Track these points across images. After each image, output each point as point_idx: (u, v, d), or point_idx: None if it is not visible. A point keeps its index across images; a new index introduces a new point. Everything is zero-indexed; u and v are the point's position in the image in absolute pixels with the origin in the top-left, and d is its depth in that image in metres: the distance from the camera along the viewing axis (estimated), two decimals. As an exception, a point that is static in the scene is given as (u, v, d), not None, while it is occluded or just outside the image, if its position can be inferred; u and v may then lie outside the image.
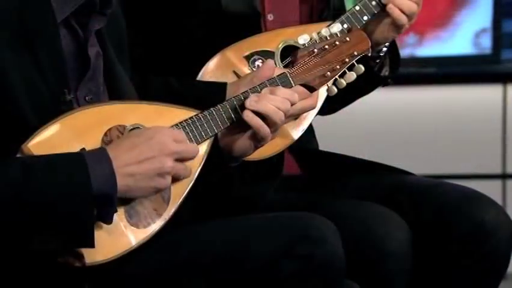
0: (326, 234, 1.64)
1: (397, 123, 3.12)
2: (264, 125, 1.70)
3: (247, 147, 1.74)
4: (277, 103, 1.69)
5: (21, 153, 1.58)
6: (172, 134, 1.63)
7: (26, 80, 1.59)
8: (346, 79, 1.81)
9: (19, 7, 1.60)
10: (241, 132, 1.73)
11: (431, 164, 3.13)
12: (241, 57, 1.91)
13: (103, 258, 1.59)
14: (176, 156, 1.62)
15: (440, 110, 3.25)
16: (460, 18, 3.30)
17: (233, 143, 1.74)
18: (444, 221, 1.93)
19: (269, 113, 1.69)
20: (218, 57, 1.92)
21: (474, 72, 3.31)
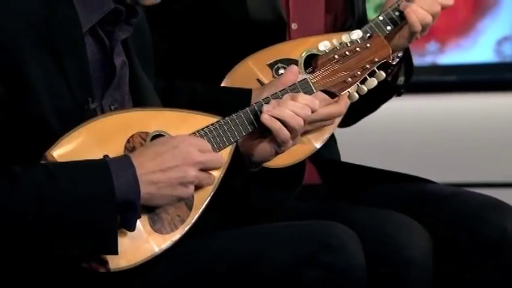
0: (347, 243, 1.64)
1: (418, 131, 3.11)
2: (283, 128, 1.69)
3: (268, 152, 1.74)
4: (296, 109, 1.69)
5: (45, 160, 1.59)
6: (196, 143, 1.63)
7: (50, 88, 1.60)
8: (367, 85, 1.81)
9: (45, 15, 1.61)
10: (262, 138, 1.73)
11: (452, 172, 3.11)
12: (264, 65, 1.92)
13: (127, 264, 1.60)
14: (200, 166, 1.63)
15: (461, 118, 3.24)
16: (481, 26, 3.29)
17: (253, 148, 1.74)
18: (465, 229, 1.92)
19: (286, 118, 1.69)
20: (242, 65, 1.93)
21: (496, 80, 3.30)
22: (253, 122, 1.70)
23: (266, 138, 1.72)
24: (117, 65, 1.69)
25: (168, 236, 1.64)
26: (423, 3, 1.92)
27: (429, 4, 1.93)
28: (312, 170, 2.05)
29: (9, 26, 1.58)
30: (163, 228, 1.63)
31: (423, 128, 3.14)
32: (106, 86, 1.68)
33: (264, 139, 1.73)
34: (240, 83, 1.91)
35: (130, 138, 1.64)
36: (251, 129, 1.70)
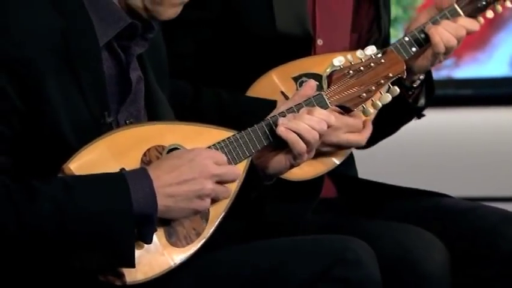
0: (363, 258, 1.64)
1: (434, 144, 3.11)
2: (299, 140, 1.69)
3: (283, 165, 1.74)
4: (313, 123, 1.69)
5: (62, 173, 1.59)
6: (213, 156, 1.63)
7: (67, 101, 1.61)
8: (382, 100, 1.81)
9: (63, 29, 1.62)
10: (277, 151, 1.73)
11: (469, 186, 3.11)
12: (289, 78, 1.93)
13: (144, 277, 1.60)
14: (217, 179, 1.63)
15: (477, 131, 3.24)
16: (496, 40, 3.29)
17: (268, 161, 1.74)
18: (482, 244, 1.91)
19: (302, 132, 1.69)
20: (265, 77, 1.94)
21: (511, 94, 3.30)
22: (268, 136, 1.70)
23: (281, 151, 1.72)
24: (133, 80, 1.69)
25: (184, 249, 1.63)
26: (449, 27, 1.93)
27: (455, 28, 1.93)
28: (329, 184, 2.04)
29: (27, 41, 1.58)
30: (178, 241, 1.63)
31: (438, 141, 3.14)
32: (122, 100, 1.69)
33: (279, 152, 1.73)
34: (263, 95, 1.92)
35: (147, 152, 1.64)
36: (266, 143, 1.70)
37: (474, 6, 1.97)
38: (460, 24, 1.94)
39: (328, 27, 2.01)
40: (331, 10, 2.01)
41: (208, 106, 1.90)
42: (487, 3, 1.98)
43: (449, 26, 1.93)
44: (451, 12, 1.96)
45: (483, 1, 1.98)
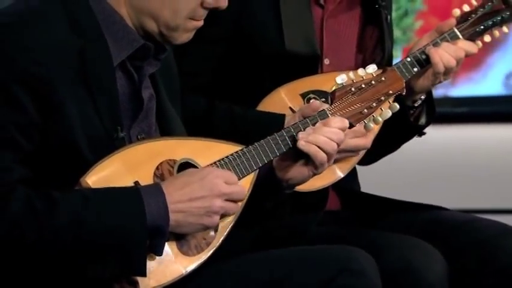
0: (365, 267, 1.64)
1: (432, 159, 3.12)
2: (320, 151, 1.69)
3: (305, 175, 1.73)
4: (330, 134, 1.69)
5: (79, 186, 1.59)
6: (223, 175, 1.63)
7: (83, 117, 1.61)
8: (382, 116, 1.80)
9: (80, 49, 1.62)
10: (298, 162, 1.72)
11: (465, 199, 3.10)
12: (297, 94, 1.92)
13: (156, 285, 1.60)
14: (226, 197, 1.63)
15: (472, 147, 3.24)
16: (491, 60, 3.30)
17: (291, 171, 1.73)
18: (479, 255, 1.91)
19: (321, 144, 1.69)
20: (274, 94, 1.93)
21: (505, 111, 3.30)
22: (275, 152, 1.70)
23: (303, 162, 1.72)
24: (145, 98, 1.69)
25: (194, 258, 1.63)
26: (449, 49, 1.92)
27: (454, 49, 1.93)
28: (333, 197, 2.04)
29: (47, 60, 1.58)
30: (189, 250, 1.63)
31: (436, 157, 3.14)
32: (134, 117, 1.69)
33: (300, 163, 1.72)
34: (272, 110, 1.91)
35: (159, 166, 1.64)
36: (272, 157, 1.70)
37: (473, 31, 1.98)
38: (459, 46, 1.94)
39: (334, 47, 2.01)
40: (338, 32, 2.01)
41: (221, 119, 1.91)
42: (485, 28, 1.98)
43: (449, 48, 1.93)
44: (451, 36, 1.96)
45: (481, 26, 1.98)
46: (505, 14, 1.99)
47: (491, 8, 1.98)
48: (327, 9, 1.99)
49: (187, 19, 1.65)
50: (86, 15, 1.64)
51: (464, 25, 1.97)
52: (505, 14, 1.99)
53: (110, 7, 1.65)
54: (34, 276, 1.58)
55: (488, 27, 1.98)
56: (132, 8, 1.65)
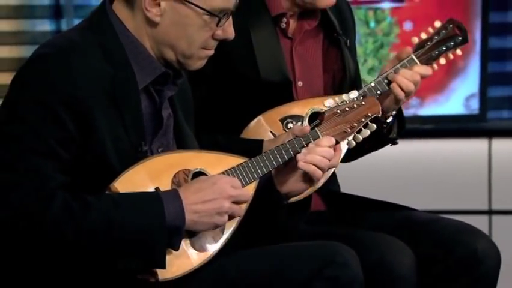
0: (349, 260, 1.64)
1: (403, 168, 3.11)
2: (317, 169, 1.72)
3: (303, 187, 1.76)
4: (323, 153, 1.72)
5: (109, 191, 1.60)
6: (230, 181, 1.64)
7: (112, 132, 1.61)
8: (362, 135, 1.81)
9: (111, 75, 1.63)
10: (295, 177, 1.74)
11: (431, 202, 3.10)
12: (276, 120, 1.91)
13: (172, 276, 1.60)
14: (233, 199, 1.63)
15: (438, 159, 3.24)
16: (453, 85, 3.29)
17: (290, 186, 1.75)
18: (443, 249, 1.90)
19: (317, 162, 1.71)
20: (258, 119, 1.92)
21: (465, 129, 3.29)
22: (273, 164, 1.71)
23: (300, 178, 1.74)
24: (164, 117, 1.69)
25: (204, 254, 1.64)
26: (406, 74, 1.91)
27: (411, 74, 1.91)
28: (318, 200, 2.04)
29: (84, 85, 1.59)
30: (200, 247, 1.64)
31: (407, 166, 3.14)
32: (155, 133, 1.69)
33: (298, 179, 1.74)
34: (256, 134, 1.91)
35: (176, 174, 1.65)
36: (271, 169, 1.71)
37: (429, 56, 1.95)
38: (415, 71, 1.92)
39: (305, 71, 2.00)
40: (306, 57, 2.00)
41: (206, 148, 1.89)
42: (439, 53, 1.96)
43: (406, 73, 1.91)
44: (409, 61, 1.94)
45: (436, 51, 1.96)
46: (458, 39, 1.97)
47: (445, 34, 1.95)
48: (295, 39, 1.98)
49: (200, 49, 1.66)
50: (115, 46, 1.64)
51: (421, 51, 1.94)
52: (457, 39, 1.96)
53: (135, 39, 1.65)
54: (69, 270, 1.58)
55: (443, 51, 1.95)
56: (154, 40, 1.65)
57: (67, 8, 3.22)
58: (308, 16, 1.97)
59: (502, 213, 3.28)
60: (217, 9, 1.64)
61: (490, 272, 1.90)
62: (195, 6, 1.62)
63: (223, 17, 1.65)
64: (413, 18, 3.28)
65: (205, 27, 1.64)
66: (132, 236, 1.55)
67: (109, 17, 1.66)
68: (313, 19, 1.98)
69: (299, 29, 1.98)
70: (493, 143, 3.28)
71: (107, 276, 1.59)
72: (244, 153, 1.72)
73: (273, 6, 1.94)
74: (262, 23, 1.93)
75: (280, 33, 1.97)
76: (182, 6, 1.62)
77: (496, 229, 3.26)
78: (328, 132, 1.75)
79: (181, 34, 1.63)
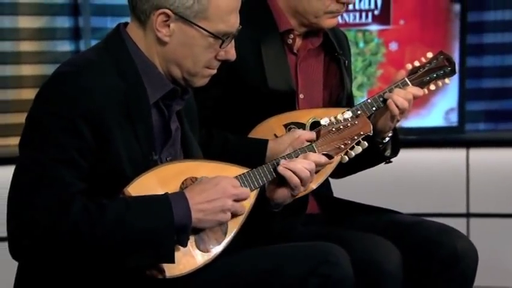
0: (340, 259, 1.63)
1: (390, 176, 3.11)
2: (293, 175, 1.69)
3: (286, 196, 1.74)
4: (305, 164, 1.70)
5: (122, 195, 1.59)
6: (231, 181, 1.64)
7: (125, 143, 1.61)
8: (354, 151, 1.81)
9: (125, 92, 1.62)
10: (281, 186, 1.73)
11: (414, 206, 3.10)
12: (281, 125, 1.92)
13: (179, 273, 1.60)
14: (235, 198, 1.63)
15: (421, 167, 3.24)
16: (434, 100, 3.30)
17: (275, 194, 1.74)
18: (426, 249, 1.90)
19: (297, 170, 1.69)
20: (264, 123, 1.93)
21: (445, 139, 3.29)
22: (272, 174, 1.70)
23: (284, 186, 1.72)
24: (172, 129, 1.69)
25: (208, 254, 1.63)
26: (400, 93, 1.92)
27: (404, 93, 1.92)
28: (313, 203, 2.03)
29: (100, 99, 1.59)
30: (204, 248, 1.63)
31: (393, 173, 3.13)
32: (164, 143, 1.68)
33: (282, 187, 1.73)
34: (261, 136, 1.91)
35: (184, 181, 1.64)
36: (271, 178, 1.70)
37: (420, 81, 1.97)
38: (408, 90, 1.94)
39: (307, 85, 2.00)
40: (308, 73, 2.01)
41: (217, 145, 1.90)
42: (430, 80, 1.98)
43: (400, 92, 1.93)
44: (403, 84, 1.96)
45: (427, 77, 1.98)
46: (447, 69, 1.99)
47: (436, 64, 1.98)
48: (300, 55, 1.99)
49: (204, 68, 1.66)
50: (129, 64, 1.64)
51: (413, 76, 1.97)
52: (447, 69, 1.99)
53: (147, 58, 1.65)
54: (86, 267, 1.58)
55: (433, 78, 1.98)
56: (163, 58, 1.65)
57: (85, 30, 3.23)
58: (312, 36, 1.99)
59: (479, 216, 3.28)
60: (221, 32, 1.64)
61: (469, 269, 1.90)
62: (201, 29, 1.62)
63: (226, 39, 1.65)
64: (398, 40, 3.29)
65: (209, 48, 1.64)
66: (144, 234, 1.55)
67: (123, 38, 1.66)
68: (317, 40, 2.00)
69: (304, 46, 2.00)
70: (471, 153, 3.28)
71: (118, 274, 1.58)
72: (250, 150, 1.72)
73: (281, 22, 1.95)
74: (271, 37, 1.94)
75: (286, 48, 1.98)
76: (189, 28, 1.62)
77: (473, 230, 3.25)
78: (324, 148, 1.76)
79: (187, 53, 1.63)
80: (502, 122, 3.44)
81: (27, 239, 1.53)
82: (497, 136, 3.34)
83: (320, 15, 1.93)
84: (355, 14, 3.24)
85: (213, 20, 1.62)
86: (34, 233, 1.53)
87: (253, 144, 1.86)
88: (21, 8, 3.18)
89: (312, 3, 1.92)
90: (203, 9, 1.61)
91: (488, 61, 3.42)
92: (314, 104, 2.00)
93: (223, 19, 1.62)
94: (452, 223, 2.00)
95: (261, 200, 1.70)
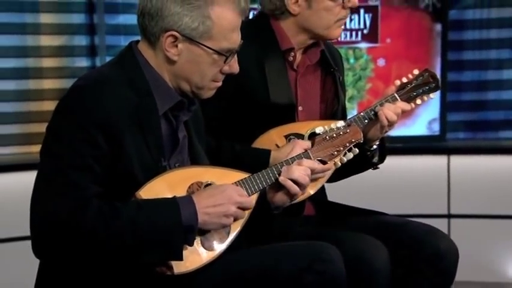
0: (333, 257, 1.63)
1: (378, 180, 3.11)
2: (294, 185, 1.70)
3: (285, 200, 1.73)
4: (301, 171, 1.70)
5: (134, 198, 1.58)
6: (237, 189, 1.63)
7: (137, 151, 1.60)
8: (347, 157, 1.81)
9: (137, 104, 1.62)
10: (281, 192, 1.72)
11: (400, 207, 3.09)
12: (282, 135, 1.91)
13: (186, 270, 1.59)
14: (238, 205, 1.62)
15: (406, 172, 3.24)
16: (418, 111, 3.30)
17: (275, 199, 1.73)
18: (412, 247, 1.89)
19: (296, 178, 1.69)
20: (266, 134, 1.92)
21: (428, 147, 3.30)
22: (272, 179, 1.70)
23: (284, 192, 1.72)
24: (180, 138, 1.69)
25: (212, 252, 1.62)
26: (390, 107, 1.93)
27: (393, 107, 1.93)
28: (309, 206, 2.02)
29: (114, 110, 1.59)
30: (209, 246, 1.63)
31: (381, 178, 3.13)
32: (173, 151, 1.68)
33: (282, 192, 1.72)
34: (264, 146, 1.91)
35: (190, 185, 1.64)
36: (270, 183, 1.70)
37: (408, 96, 1.98)
38: (397, 105, 1.94)
39: (305, 98, 2.00)
40: (307, 87, 2.00)
41: (226, 153, 1.89)
42: (417, 95, 1.99)
43: (390, 106, 1.93)
44: (392, 98, 1.96)
45: (414, 93, 1.98)
46: (432, 85, 2.00)
47: (422, 81, 1.99)
48: (299, 72, 1.99)
49: (210, 81, 1.66)
50: (140, 79, 1.64)
51: (402, 91, 1.98)
52: (431, 85, 2.00)
53: (157, 73, 1.65)
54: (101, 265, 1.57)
55: (419, 94, 1.98)
56: (172, 74, 1.65)
57: (100, 47, 3.24)
58: (310, 54, 2.00)
59: (459, 217, 3.27)
60: (224, 49, 1.64)
61: (451, 266, 1.89)
62: (206, 48, 1.62)
63: (229, 55, 1.65)
64: (385, 56, 3.30)
65: (214, 64, 1.64)
66: (154, 234, 1.54)
67: (135, 55, 1.66)
68: (314, 56, 2.00)
69: (303, 63, 2.00)
70: (451, 159, 3.28)
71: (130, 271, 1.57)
72: (254, 159, 1.72)
73: (282, 41, 1.95)
74: (274, 55, 1.94)
75: (287, 65, 1.98)
76: (196, 47, 1.62)
77: (454, 230, 3.25)
78: (318, 154, 1.76)
79: (195, 70, 1.63)
80: (480, 131, 3.44)
81: (48, 238, 1.53)
82: (476, 144, 3.35)
83: (330, 25, 1.93)
84: (346, 33, 3.25)
85: (217, 39, 1.62)
86: (54, 233, 1.52)
87: (257, 154, 1.86)
88: (43, 27, 3.19)
89: (322, 16, 1.92)
90: (207, 30, 1.61)
91: (467, 76, 3.42)
92: (312, 116, 2.00)
93: (225, 37, 1.63)
94: (435, 223, 1.99)
95: (262, 203, 1.70)
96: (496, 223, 3.23)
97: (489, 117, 3.41)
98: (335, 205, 2.05)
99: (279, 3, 1.93)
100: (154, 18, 1.61)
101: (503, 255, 3.23)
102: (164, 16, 1.60)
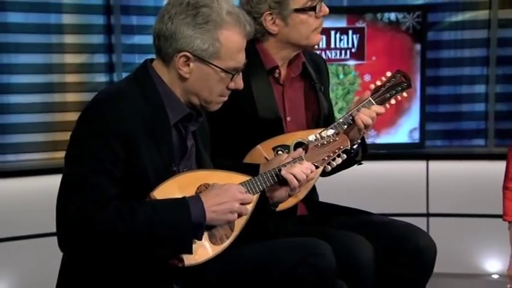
0: (325, 252, 1.64)
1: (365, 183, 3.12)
2: (294, 178, 1.71)
3: (283, 196, 1.74)
4: (303, 169, 1.72)
5: (148, 198, 1.59)
6: (238, 188, 1.65)
7: (150, 157, 1.61)
8: (336, 162, 1.82)
9: (149, 115, 1.63)
10: (280, 188, 1.73)
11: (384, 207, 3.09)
12: (270, 148, 1.91)
13: (194, 262, 1.60)
14: (241, 201, 1.63)
15: (389, 175, 3.25)
16: (400, 121, 3.31)
17: (274, 194, 1.74)
18: (395, 244, 1.89)
19: (296, 173, 1.70)
20: (256, 148, 1.92)
21: (409, 153, 3.30)
22: (271, 181, 1.71)
23: (283, 188, 1.72)
24: (188, 146, 1.70)
25: (218, 246, 1.63)
26: (365, 112, 1.92)
27: (369, 112, 1.93)
28: (302, 206, 2.02)
29: (130, 121, 1.59)
30: (215, 241, 1.63)
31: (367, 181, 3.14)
32: (182, 157, 1.69)
33: (281, 189, 1.73)
34: (254, 159, 1.90)
35: (199, 187, 1.65)
36: (269, 184, 1.71)
37: (383, 98, 1.97)
38: (372, 109, 1.93)
39: (292, 109, 2.00)
40: (293, 98, 2.00)
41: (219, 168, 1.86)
42: (390, 96, 1.97)
43: (365, 111, 1.93)
44: (368, 103, 1.95)
45: (388, 94, 1.97)
46: (404, 85, 1.98)
47: (394, 82, 1.97)
48: (285, 85, 1.99)
49: (218, 96, 1.68)
50: (153, 93, 1.65)
51: (376, 95, 1.96)
52: (404, 85, 1.98)
53: (169, 88, 1.66)
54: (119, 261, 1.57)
55: (393, 94, 1.97)
56: (183, 89, 1.66)
57: (118, 65, 3.25)
58: (293, 66, 1.99)
59: (437, 216, 3.27)
60: (231, 68, 1.65)
61: (429, 260, 1.89)
62: (215, 67, 1.64)
63: (235, 73, 1.67)
64: (370, 72, 3.31)
65: (222, 81, 1.66)
66: (167, 231, 1.55)
67: (149, 72, 1.66)
68: (297, 69, 2.00)
69: (287, 76, 1.99)
70: (430, 164, 3.29)
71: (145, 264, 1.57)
72: (245, 173, 1.71)
73: (266, 61, 1.96)
74: (259, 74, 1.94)
75: (273, 81, 1.98)
76: (206, 66, 1.64)
77: (432, 227, 3.25)
78: (311, 159, 1.77)
79: (204, 86, 1.64)
80: (455, 139, 3.45)
81: (72, 234, 1.54)
82: (452, 151, 3.35)
83: (309, 35, 1.93)
84: (336, 51, 3.26)
85: (225, 59, 1.64)
86: (77, 229, 1.53)
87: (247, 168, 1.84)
88: (67, 47, 3.21)
89: (300, 29, 1.92)
90: (216, 51, 1.62)
91: (443, 90, 3.44)
92: (299, 125, 2.00)
93: (232, 57, 1.64)
94: (415, 221, 2.00)
95: (261, 201, 1.70)
96: (469, 221, 3.24)
97: (463, 127, 3.42)
98: (326, 205, 2.05)
99: (259, 27, 1.93)
100: (168, 40, 1.62)
101: (476, 250, 3.23)
102: (178, 38, 1.61)
